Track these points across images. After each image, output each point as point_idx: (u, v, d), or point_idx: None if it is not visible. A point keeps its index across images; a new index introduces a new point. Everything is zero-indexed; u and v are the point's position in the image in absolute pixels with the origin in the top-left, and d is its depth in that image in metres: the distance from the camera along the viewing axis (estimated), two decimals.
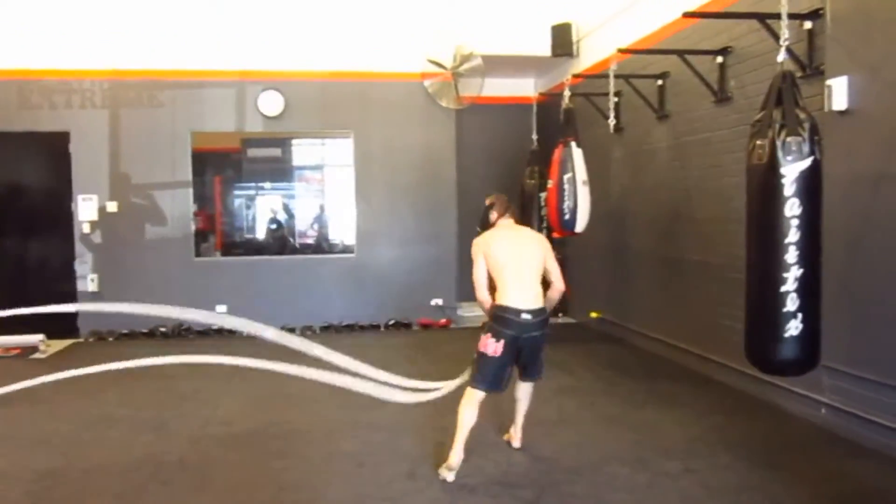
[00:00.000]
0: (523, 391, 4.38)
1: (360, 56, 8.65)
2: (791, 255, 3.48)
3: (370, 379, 4.72)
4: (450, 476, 3.92)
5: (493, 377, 4.00)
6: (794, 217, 3.47)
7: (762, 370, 3.90)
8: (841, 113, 4.39)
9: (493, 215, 4.37)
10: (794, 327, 3.50)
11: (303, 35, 8.53)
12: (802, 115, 3.50)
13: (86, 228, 8.31)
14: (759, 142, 3.57)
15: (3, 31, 8.06)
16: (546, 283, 4.20)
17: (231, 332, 8.34)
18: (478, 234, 4.32)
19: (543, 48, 8.67)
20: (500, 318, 4.00)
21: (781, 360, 3.61)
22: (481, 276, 4.10)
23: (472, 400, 4.01)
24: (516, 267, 4.07)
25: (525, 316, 3.98)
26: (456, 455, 3.94)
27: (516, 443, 4.47)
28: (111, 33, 8.21)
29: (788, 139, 3.46)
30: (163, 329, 8.28)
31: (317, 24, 8.53)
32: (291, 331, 8.48)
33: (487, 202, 4.44)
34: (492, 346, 3.98)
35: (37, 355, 7.39)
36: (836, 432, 4.51)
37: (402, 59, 8.69)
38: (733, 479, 3.92)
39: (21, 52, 8.10)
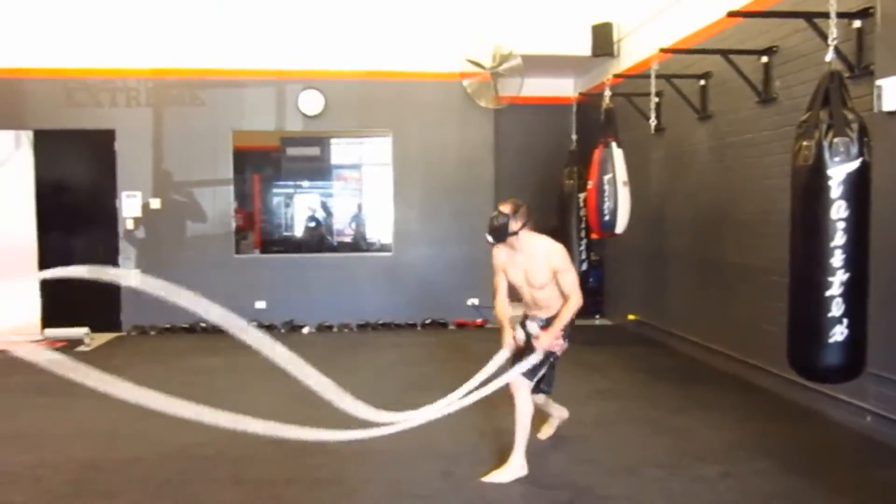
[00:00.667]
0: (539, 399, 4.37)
1: (400, 55, 8.68)
2: (837, 259, 3.41)
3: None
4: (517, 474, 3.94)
5: (548, 375, 4.14)
6: (840, 220, 3.40)
7: (805, 376, 3.83)
8: (891, 114, 4.28)
9: (516, 224, 3.97)
10: (838, 333, 3.43)
11: (342, 34, 8.59)
12: (851, 116, 3.43)
13: (129, 225, 8.48)
14: (805, 143, 3.51)
15: (51, 31, 8.25)
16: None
17: (269, 327, 8.45)
18: (489, 243, 4.10)
19: (584, 48, 8.61)
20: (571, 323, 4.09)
21: (825, 366, 3.54)
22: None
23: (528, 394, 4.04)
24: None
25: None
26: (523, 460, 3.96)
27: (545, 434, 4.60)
28: (155, 33, 8.37)
29: (836, 140, 3.39)
30: (203, 324, 8.39)
31: (356, 23, 8.59)
32: (329, 328, 8.60)
33: (507, 209, 3.99)
34: (564, 347, 4.10)
35: (82, 348, 7.55)
36: (880, 440, 4.40)
37: (441, 58, 8.70)
38: (771, 485, 3.84)
39: (68, 52, 8.29)
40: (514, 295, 4.22)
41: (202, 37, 8.42)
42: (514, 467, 3.93)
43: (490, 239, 4.05)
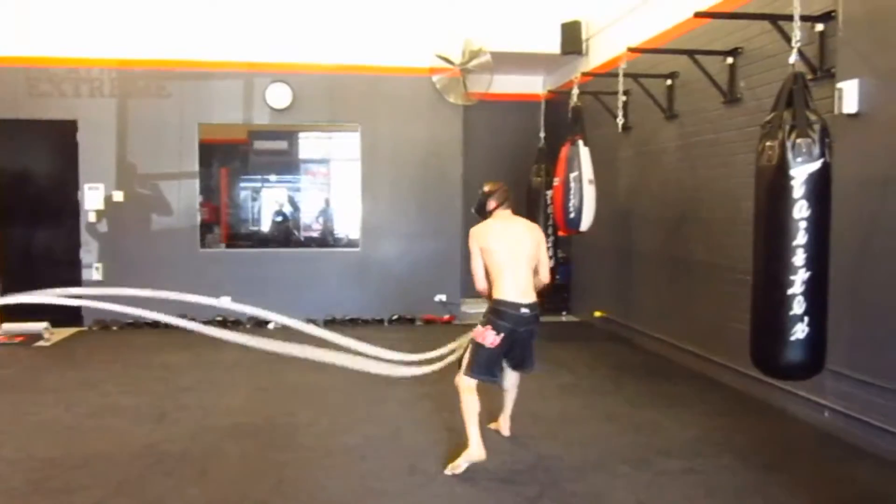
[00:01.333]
0: (511, 381, 4.47)
1: (369, 49, 8.63)
2: (799, 258, 3.47)
3: (365, 355, 4.78)
4: (462, 467, 3.95)
5: (486, 367, 4.09)
6: (802, 219, 3.45)
7: (767, 373, 3.89)
8: (851, 116, 4.37)
9: (492, 204, 4.34)
10: (800, 331, 3.49)
11: (311, 27, 8.52)
12: (813, 118, 3.49)
13: (92, 217, 8.32)
14: (768, 143, 3.56)
15: (11, 18, 8.07)
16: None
17: (235, 322, 8.38)
18: (475, 218, 4.42)
19: (553, 46, 8.65)
20: (499, 312, 4.07)
21: (787, 363, 3.60)
22: (479, 269, 4.18)
23: (469, 387, 4.06)
24: (512, 261, 4.14)
25: (523, 310, 4.08)
26: (477, 446, 3.95)
27: (506, 431, 4.58)
28: (120, 22, 8.21)
29: (798, 141, 3.44)
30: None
31: (326, 16, 8.52)
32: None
33: (486, 188, 4.40)
34: (490, 338, 4.05)
35: (41, 343, 7.41)
36: (839, 436, 4.50)
37: (411, 53, 8.67)
38: (734, 480, 3.91)
39: (30, 39, 8.10)
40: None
41: (169, 27, 8.29)
42: (471, 452, 3.97)
43: (474, 211, 4.47)
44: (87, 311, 8.26)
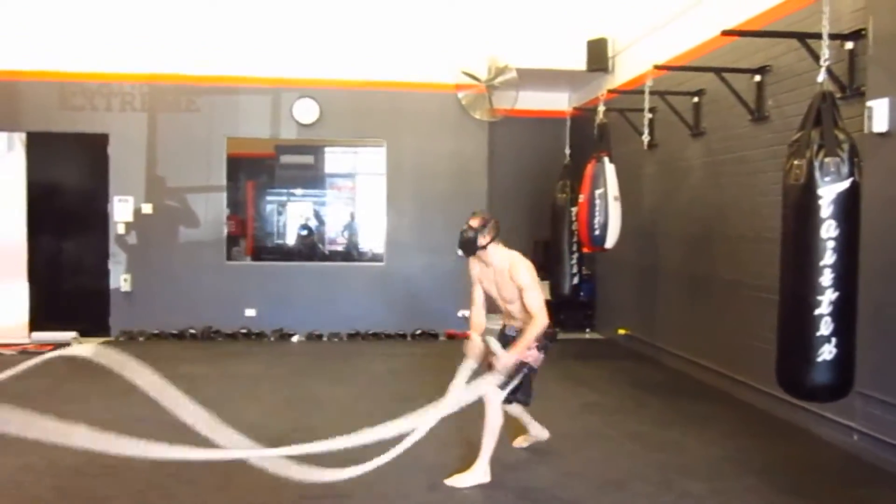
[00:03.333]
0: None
1: (395, 65, 8.71)
2: (826, 278, 3.43)
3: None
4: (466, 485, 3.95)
5: (524, 386, 4.17)
6: (830, 239, 3.42)
7: (793, 394, 3.83)
8: (881, 135, 4.31)
9: (484, 239, 4.11)
10: (827, 352, 3.44)
11: (339, 44, 8.61)
12: (842, 136, 3.46)
13: (121, 229, 8.44)
14: (796, 161, 3.53)
15: (47, 33, 8.25)
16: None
17: (259, 335, 8.43)
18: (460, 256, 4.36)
19: (579, 62, 8.66)
20: (549, 335, 4.18)
21: (813, 384, 3.55)
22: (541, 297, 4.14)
23: (500, 404, 4.08)
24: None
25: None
26: (487, 469, 3.97)
27: (545, 434, 4.61)
28: (151, 38, 8.37)
29: (827, 160, 3.41)
30: (192, 331, 8.37)
31: (353, 32, 8.61)
32: (319, 337, 8.57)
33: (475, 223, 4.12)
34: (539, 359, 4.17)
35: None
36: (867, 460, 4.41)
37: (437, 69, 8.73)
38: (758, 502, 3.84)
39: (63, 54, 8.28)
40: (495, 306, 4.35)
41: (198, 43, 8.43)
42: (477, 473, 3.98)
43: (460, 252, 4.26)
44: (115, 320, 8.38)
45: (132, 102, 8.48)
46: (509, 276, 4.11)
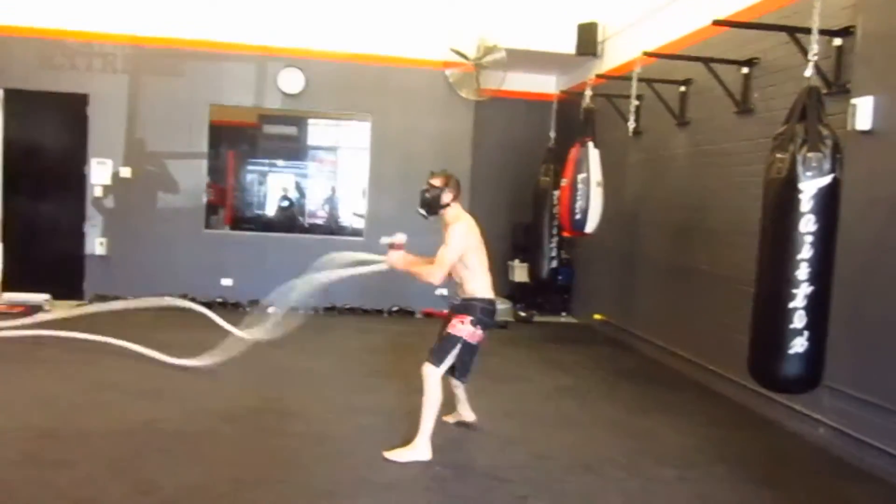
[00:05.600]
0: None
1: (384, 40, 8.62)
2: (802, 272, 3.47)
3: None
4: (405, 460, 3.97)
5: (462, 363, 4.21)
6: (808, 233, 3.45)
7: (764, 386, 3.89)
8: (864, 133, 4.34)
9: (448, 196, 4.25)
10: (799, 344, 3.50)
11: (327, 14, 8.50)
12: (825, 132, 3.48)
13: (98, 192, 8.32)
14: (779, 155, 3.55)
15: None
16: None
17: (235, 305, 8.38)
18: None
19: (568, 46, 8.63)
20: (488, 311, 4.18)
21: (784, 376, 3.60)
22: (453, 261, 4.16)
23: (438, 381, 4.07)
24: (484, 258, 4.26)
25: (497, 307, 4.31)
26: (427, 444, 4.00)
27: (472, 416, 4.61)
28: None
29: (809, 155, 3.44)
30: (167, 297, 8.28)
31: (342, 4, 8.50)
32: (295, 310, 8.52)
33: (438, 182, 4.26)
34: (476, 336, 4.15)
35: (41, 315, 7.40)
36: (833, 453, 4.49)
37: (425, 46, 8.65)
38: (727, 491, 3.90)
39: (45, 11, 8.09)
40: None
41: (185, 6, 8.28)
42: (418, 449, 4.01)
43: (423, 212, 4.32)
44: (89, 284, 8.29)
45: (114, 63, 8.32)
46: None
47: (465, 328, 4.12)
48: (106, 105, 8.30)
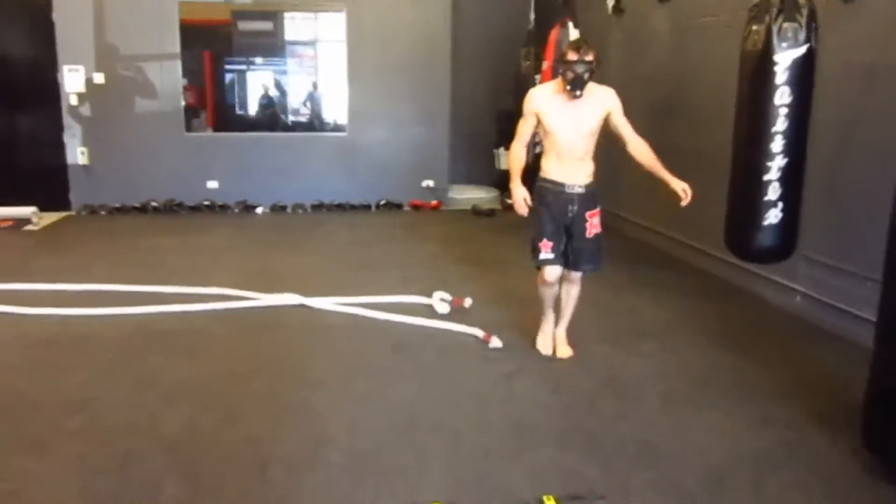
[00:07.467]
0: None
1: None
2: (777, 145, 3.50)
3: None
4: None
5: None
6: (783, 106, 3.46)
7: (740, 257, 4.00)
8: (843, 1, 4.27)
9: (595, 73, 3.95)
10: (773, 216, 3.57)
11: None
12: (801, 1, 3.42)
13: (73, 100, 8.16)
14: (755, 27, 3.52)
15: None
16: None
17: (223, 207, 8.40)
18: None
19: None
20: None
21: (759, 247, 3.70)
22: None
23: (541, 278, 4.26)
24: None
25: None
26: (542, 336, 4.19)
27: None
28: None
29: (785, 25, 3.40)
30: (154, 204, 8.30)
31: None
32: (283, 209, 8.57)
33: (592, 56, 3.97)
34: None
35: (29, 227, 7.44)
36: (808, 320, 4.66)
37: None
38: (705, 358, 4.08)
39: None
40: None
41: None
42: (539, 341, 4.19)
43: (577, 93, 3.98)
44: (75, 195, 8.27)
45: None
46: (604, 113, 4.11)
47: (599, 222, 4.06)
48: (71, 9, 8.00)
